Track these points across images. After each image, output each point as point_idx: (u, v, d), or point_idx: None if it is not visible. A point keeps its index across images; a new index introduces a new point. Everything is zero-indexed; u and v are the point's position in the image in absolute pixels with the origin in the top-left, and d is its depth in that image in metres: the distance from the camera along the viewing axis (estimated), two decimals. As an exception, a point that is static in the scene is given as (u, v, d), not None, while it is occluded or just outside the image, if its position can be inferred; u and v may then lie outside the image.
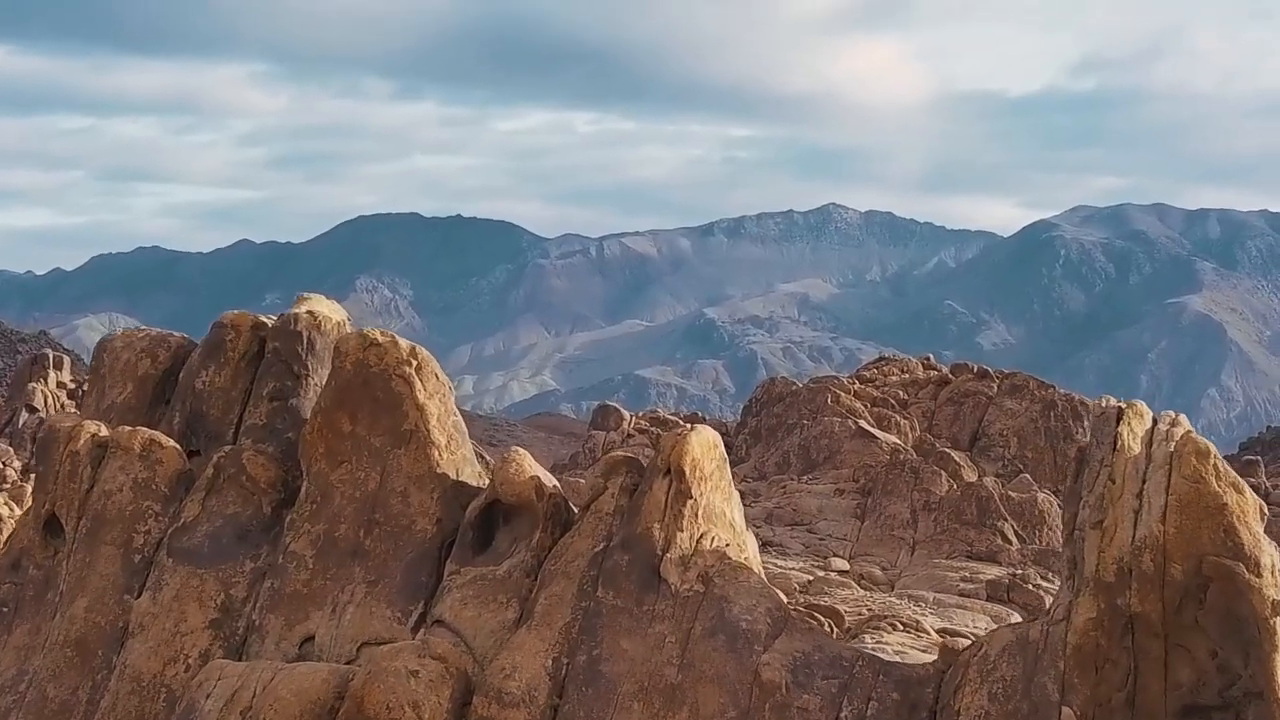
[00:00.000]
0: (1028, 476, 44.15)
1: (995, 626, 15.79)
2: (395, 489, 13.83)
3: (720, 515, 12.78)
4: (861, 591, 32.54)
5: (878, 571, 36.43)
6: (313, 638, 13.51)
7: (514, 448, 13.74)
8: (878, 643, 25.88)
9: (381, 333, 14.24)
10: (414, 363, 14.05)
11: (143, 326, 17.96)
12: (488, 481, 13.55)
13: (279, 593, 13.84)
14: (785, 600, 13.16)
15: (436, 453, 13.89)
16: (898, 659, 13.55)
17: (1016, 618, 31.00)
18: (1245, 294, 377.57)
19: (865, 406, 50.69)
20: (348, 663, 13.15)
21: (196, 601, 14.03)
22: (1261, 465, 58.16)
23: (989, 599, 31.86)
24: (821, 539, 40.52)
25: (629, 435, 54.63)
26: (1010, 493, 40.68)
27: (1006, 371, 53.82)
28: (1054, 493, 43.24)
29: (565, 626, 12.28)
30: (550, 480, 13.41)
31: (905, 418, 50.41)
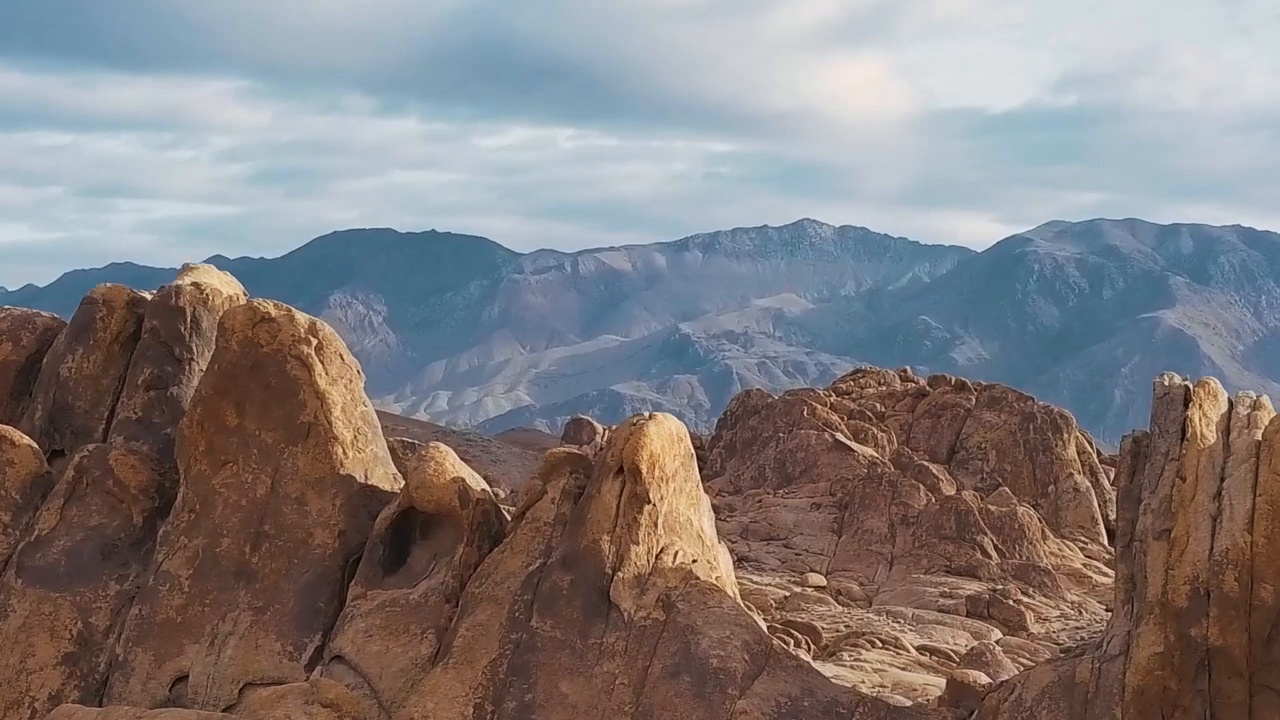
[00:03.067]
0: (1007, 490, 43.01)
1: (1033, 665, 13.07)
2: (289, 495, 11.51)
3: (686, 525, 10.47)
4: (839, 608, 32.19)
5: (855, 587, 35.36)
6: (186, 677, 11.16)
7: (433, 443, 11.35)
8: (856, 660, 24.18)
9: (276, 305, 11.85)
10: (313, 341, 11.66)
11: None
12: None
13: (148, 621, 11.39)
14: (767, 630, 10.91)
15: (340, 450, 11.79)
16: (905, 702, 11.26)
17: (997, 634, 29.80)
18: (1218, 309, 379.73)
19: (842, 419, 49.27)
20: (226, 708, 10.77)
21: (48, 632, 11.55)
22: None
23: (969, 615, 31.59)
24: (798, 554, 39.26)
25: (601, 449, 52.10)
26: (989, 506, 39.66)
27: (985, 384, 52.31)
28: (1033, 506, 42.26)
29: (491, 665, 10.13)
30: (478, 483, 11.04)
31: (882, 430, 49.01)
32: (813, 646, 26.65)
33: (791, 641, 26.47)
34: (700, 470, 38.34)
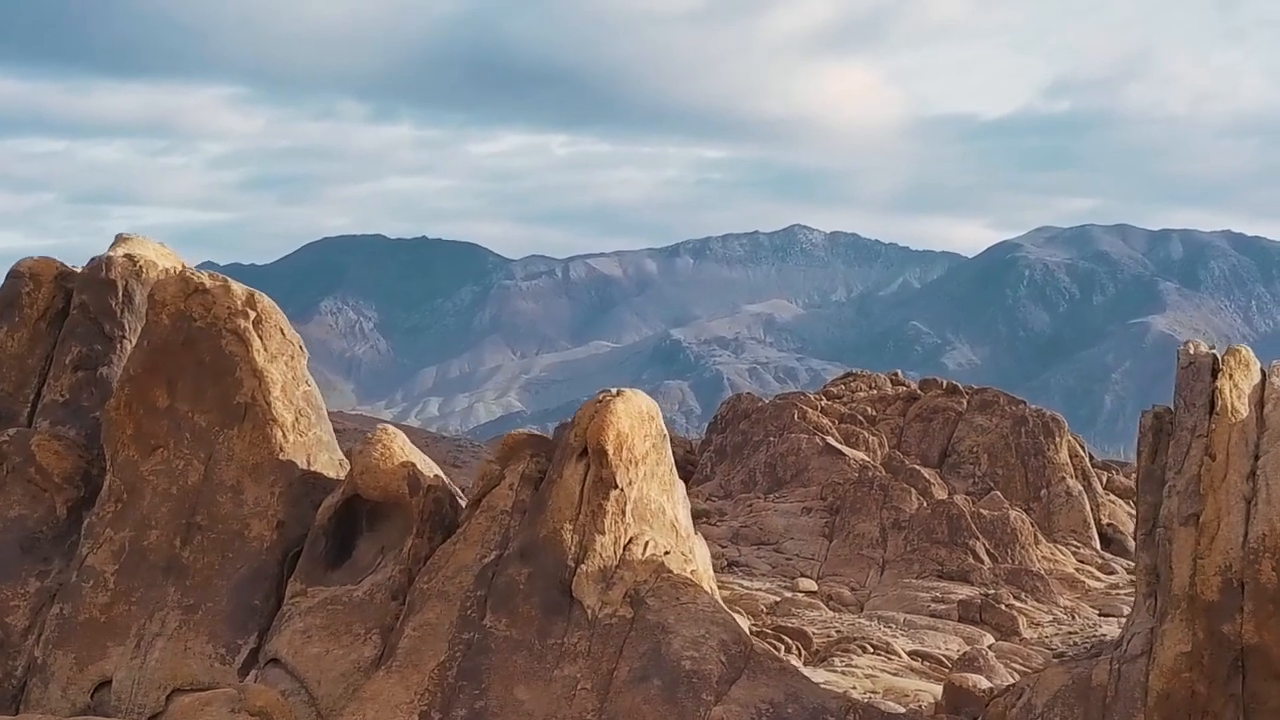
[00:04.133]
0: (999, 494, 42.58)
1: (1046, 666, 12.02)
2: (224, 482, 10.50)
3: (657, 513, 9.53)
4: (830, 613, 31.57)
5: (846, 592, 34.81)
6: (110, 682, 10.17)
7: (381, 425, 10.36)
8: (847, 666, 23.55)
9: (211, 275, 10.86)
10: (251, 314, 10.61)
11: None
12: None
13: (70, 622, 10.37)
14: (748, 627, 10.00)
15: (280, 433, 10.81)
16: (898, 708, 10.34)
17: (990, 639, 29.19)
18: (1208, 314, 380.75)
19: (833, 423, 48.76)
20: (152, 717, 9.81)
21: (-39, 634, 10.61)
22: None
23: (961, 620, 31.01)
24: (789, 559, 38.73)
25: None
26: (981, 510, 39.20)
27: (976, 387, 51.72)
28: (1026, 510, 41.69)
29: (439, 668, 9.19)
30: (430, 469, 10.05)
31: (874, 434, 48.47)
32: (803, 652, 26.22)
33: (783, 647, 25.90)
34: (690, 474, 37.17)
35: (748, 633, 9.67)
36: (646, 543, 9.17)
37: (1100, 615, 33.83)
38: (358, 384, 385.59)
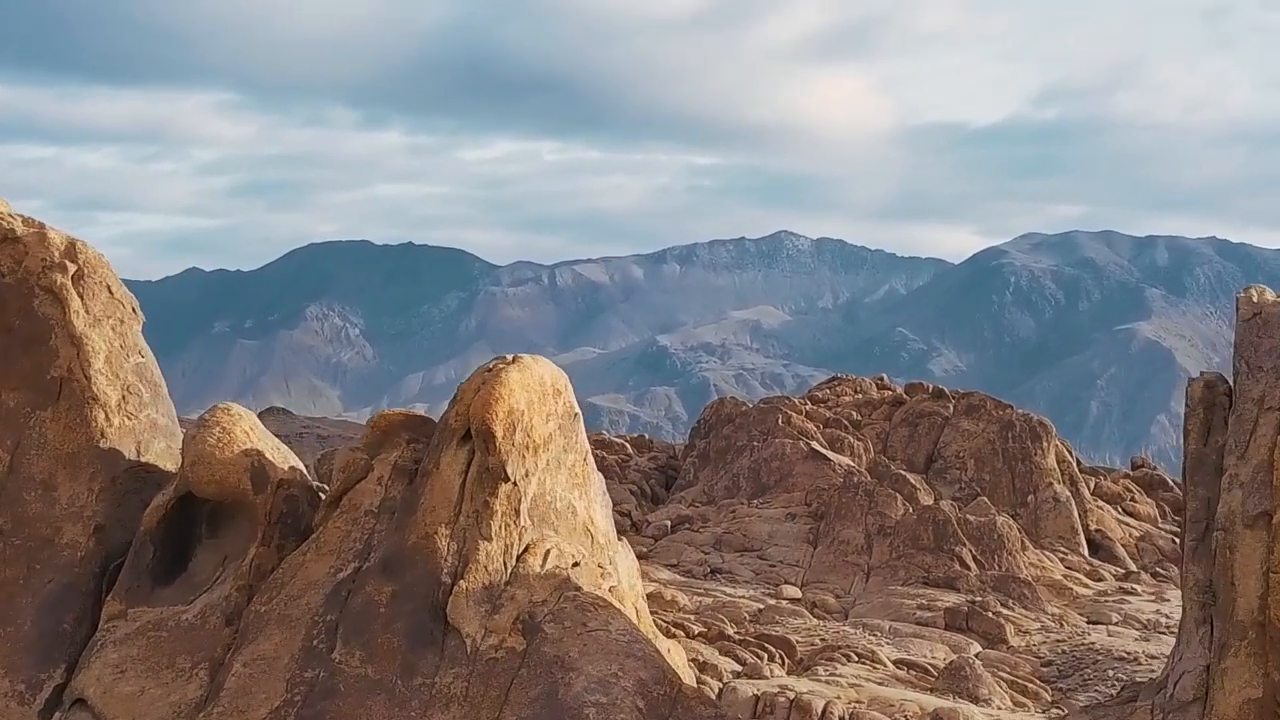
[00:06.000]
0: (985, 499, 41.87)
1: (1069, 716, 9.57)
2: (33, 477, 8.49)
3: (565, 513, 7.64)
4: (814, 621, 30.67)
5: (831, 599, 33.84)
6: (-116, 728, 8.25)
7: (221, 404, 8.36)
8: (832, 675, 22.40)
9: (25, 220, 8.84)
10: (71, 268, 8.65)
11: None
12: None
13: None
14: (679, 663, 7.88)
15: (102, 415, 8.79)
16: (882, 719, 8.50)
17: (977, 647, 28.08)
18: (1194, 321, 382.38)
19: (817, 427, 47.80)
20: (-74, 775, 7.87)
21: None
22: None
23: (947, 627, 30.25)
24: (772, 565, 37.99)
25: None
26: (968, 516, 38.56)
27: (963, 391, 50.56)
28: (1013, 516, 40.59)
29: (273, 715, 7.16)
30: (285, 459, 8.04)
31: (859, 439, 47.46)
32: (787, 660, 25.32)
33: (765, 656, 24.92)
34: (673, 479, 34.82)
35: (677, 667, 7.56)
36: (548, 551, 7.17)
37: (1089, 623, 32.95)
38: (343, 390, 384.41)
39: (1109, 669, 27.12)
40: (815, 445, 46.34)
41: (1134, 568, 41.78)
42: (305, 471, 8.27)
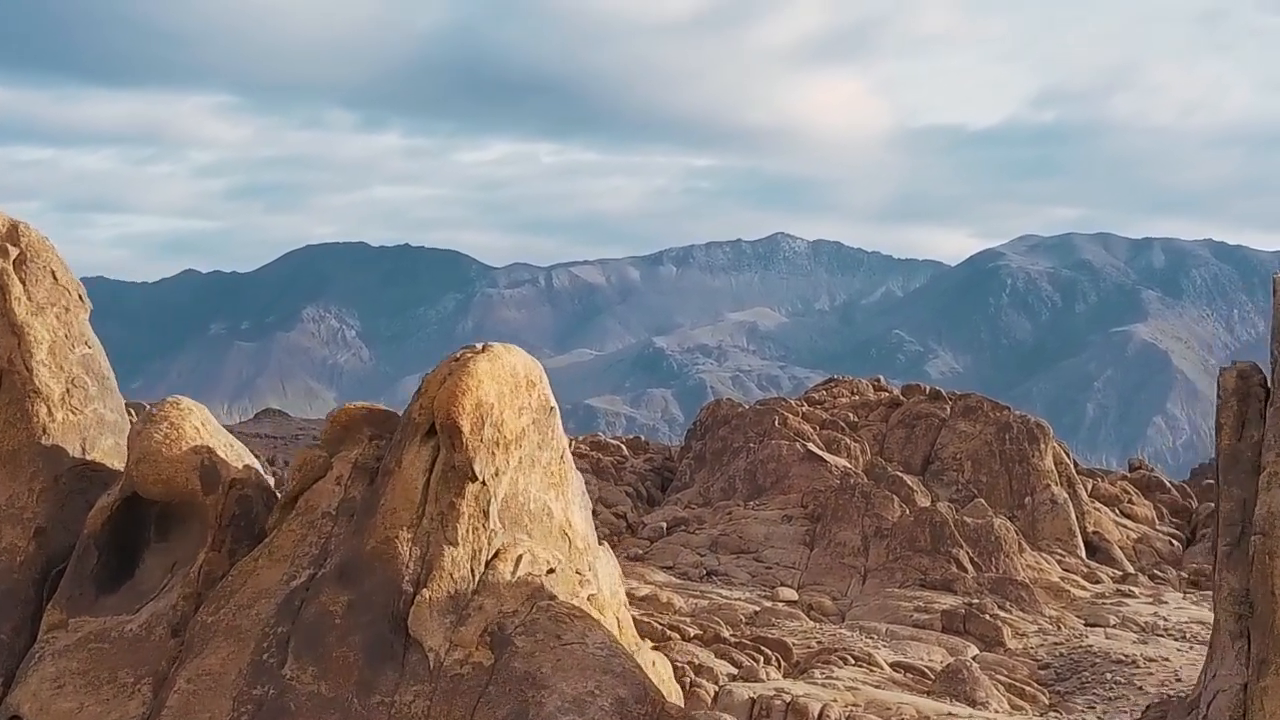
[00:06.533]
0: (983, 501, 42.10)
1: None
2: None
3: (539, 515, 6.97)
4: (811, 623, 31.16)
5: (828, 602, 34.17)
6: None
7: (173, 397, 7.63)
8: (828, 678, 22.62)
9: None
10: (12, 251, 8.03)
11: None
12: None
13: None
14: (663, 677, 7.05)
15: (45, 409, 8.03)
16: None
17: (974, 649, 28.39)
18: (1190, 322, 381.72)
19: (814, 429, 48.06)
20: None
21: None
22: (1226, 489, 55.52)
23: (944, 630, 30.74)
24: (769, 567, 38.17)
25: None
26: (965, 518, 38.75)
27: (960, 393, 50.88)
28: (1010, 518, 40.98)
29: (218, 735, 6.43)
30: (240, 456, 7.64)
31: (855, 440, 47.75)
32: (783, 663, 25.40)
33: (762, 659, 25.01)
34: (669, 481, 35.52)
35: (661, 682, 6.65)
36: (520, 557, 6.38)
37: (1086, 626, 33.11)
38: (340, 392, 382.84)
39: (1107, 672, 27.35)
40: (812, 447, 46.54)
41: (1131, 570, 42.10)
42: (261, 470, 7.82)
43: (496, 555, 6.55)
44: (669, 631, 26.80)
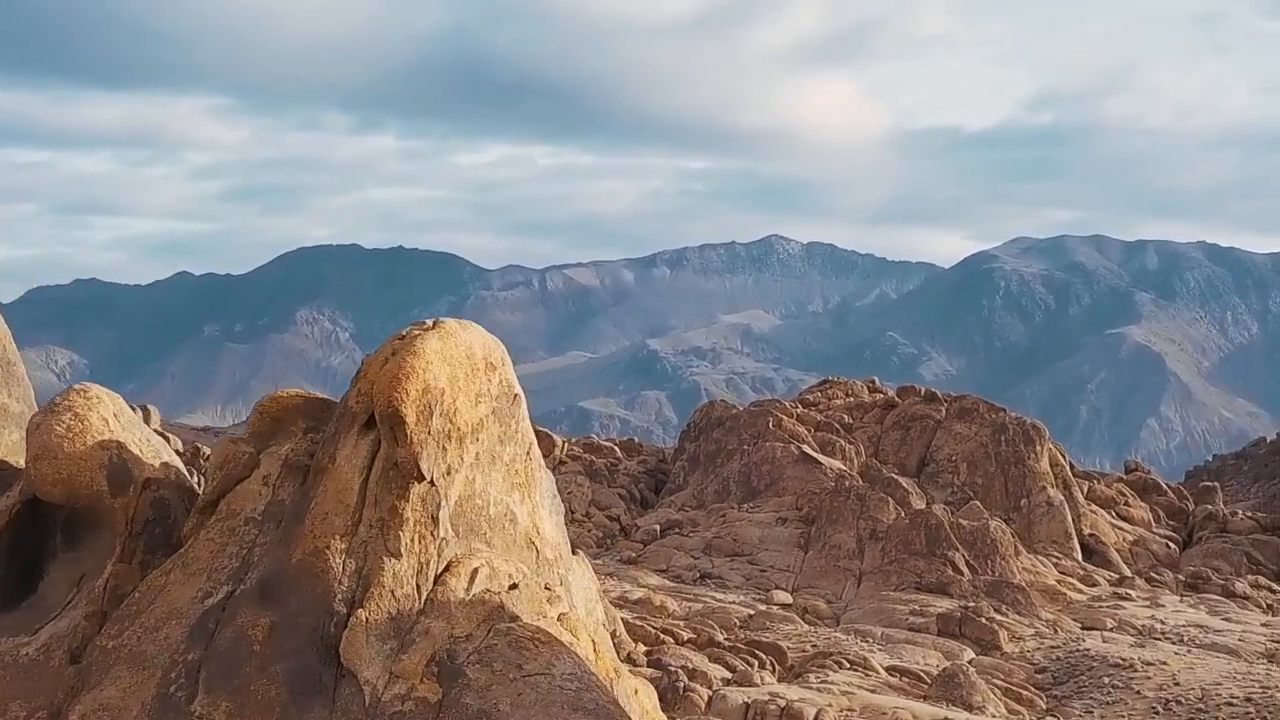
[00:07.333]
0: (978, 503, 41.84)
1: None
2: None
3: (500, 519, 5.97)
4: (805, 626, 30.83)
5: (822, 605, 33.86)
6: None
7: (81, 385, 6.79)
8: (823, 682, 22.41)
9: None
10: None
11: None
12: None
13: None
14: (644, 710, 6.32)
15: None
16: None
17: (970, 653, 28.13)
18: (1184, 325, 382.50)
19: (809, 431, 47.76)
20: None
21: None
22: (1219, 492, 55.31)
23: (940, 633, 30.52)
24: (763, 570, 37.89)
25: (560, 463, 50.25)
26: (961, 520, 38.47)
27: (955, 394, 50.71)
28: (1006, 520, 40.72)
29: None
30: (158, 453, 6.68)
31: (850, 442, 47.49)
32: (778, 667, 25.12)
33: (756, 662, 24.81)
34: (662, 483, 35.19)
35: (643, 715, 5.81)
36: (476, 570, 5.44)
37: (1083, 629, 32.92)
38: (334, 394, 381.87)
39: (1104, 676, 27.14)
40: (806, 449, 46.27)
41: (1128, 573, 41.90)
42: (183, 469, 6.94)
43: (447, 569, 5.54)
44: (662, 635, 26.54)
